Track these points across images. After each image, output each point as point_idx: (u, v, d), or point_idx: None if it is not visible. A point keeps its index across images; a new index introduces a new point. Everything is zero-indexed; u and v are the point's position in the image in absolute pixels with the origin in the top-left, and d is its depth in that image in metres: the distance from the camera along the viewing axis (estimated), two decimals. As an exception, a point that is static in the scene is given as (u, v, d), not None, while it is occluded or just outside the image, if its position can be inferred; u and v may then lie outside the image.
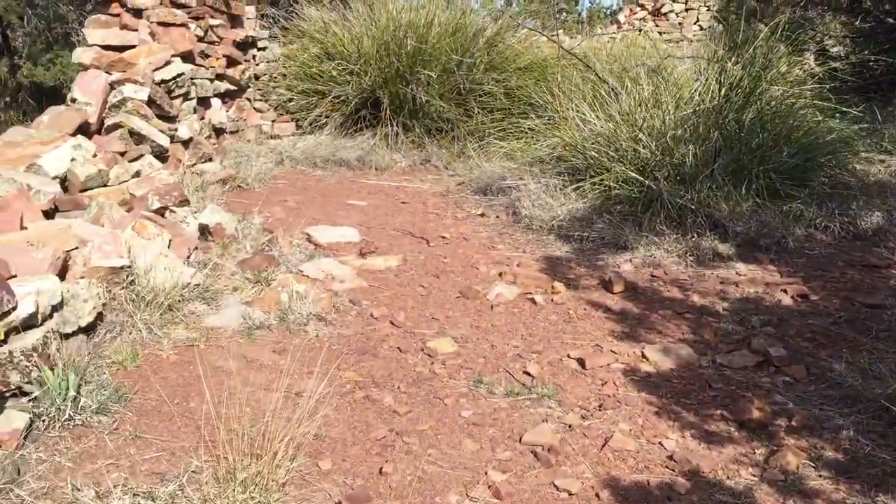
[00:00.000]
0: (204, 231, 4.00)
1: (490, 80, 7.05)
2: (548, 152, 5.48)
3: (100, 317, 2.90)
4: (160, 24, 5.40)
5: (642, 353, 3.05)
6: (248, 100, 6.77)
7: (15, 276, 2.63)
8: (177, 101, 5.25)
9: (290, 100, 7.23)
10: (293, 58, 7.44)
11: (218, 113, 6.05)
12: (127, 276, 3.18)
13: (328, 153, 6.49)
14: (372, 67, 6.94)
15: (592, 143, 5.06)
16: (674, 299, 3.64)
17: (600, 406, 2.64)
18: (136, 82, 4.86)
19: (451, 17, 7.47)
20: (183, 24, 5.45)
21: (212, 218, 4.08)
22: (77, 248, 3.15)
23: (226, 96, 6.32)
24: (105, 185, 4.21)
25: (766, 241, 4.27)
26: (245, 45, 6.82)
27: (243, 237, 4.05)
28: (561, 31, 21.80)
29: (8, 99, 8.02)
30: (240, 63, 6.31)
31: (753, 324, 3.31)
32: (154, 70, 5.05)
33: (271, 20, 8.14)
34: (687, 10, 22.23)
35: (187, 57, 5.53)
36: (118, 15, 5.65)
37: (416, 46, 6.97)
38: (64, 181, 4.04)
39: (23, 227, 3.18)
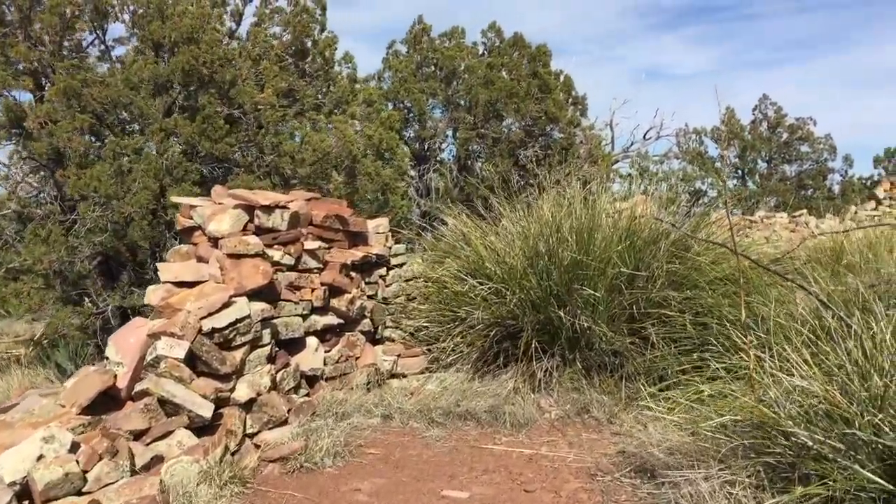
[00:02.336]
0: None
1: (674, 298, 5.53)
2: (737, 420, 3.78)
3: None
4: (231, 255, 4.62)
5: None
6: (365, 332, 5.76)
7: None
8: (237, 353, 4.32)
9: (423, 328, 6.18)
10: (429, 276, 6.48)
11: (311, 357, 5.07)
12: None
13: (452, 402, 5.23)
14: (518, 286, 5.74)
15: (803, 415, 3.33)
16: None
17: None
18: (173, 335, 3.99)
19: (623, 220, 6.17)
20: (257, 255, 4.62)
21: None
22: None
23: (328, 332, 5.35)
24: (79, 494, 3.21)
25: None
26: (365, 265, 5.94)
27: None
28: (805, 212, 19.62)
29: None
30: (346, 291, 5.37)
31: None
32: (204, 317, 4.18)
33: (423, 229, 7.36)
34: (967, 178, 19.12)
35: (261, 293, 4.66)
36: (198, 244, 5.01)
37: (575, 258, 5.70)
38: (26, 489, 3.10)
39: None
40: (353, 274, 5.78)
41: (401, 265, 6.64)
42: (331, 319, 5.41)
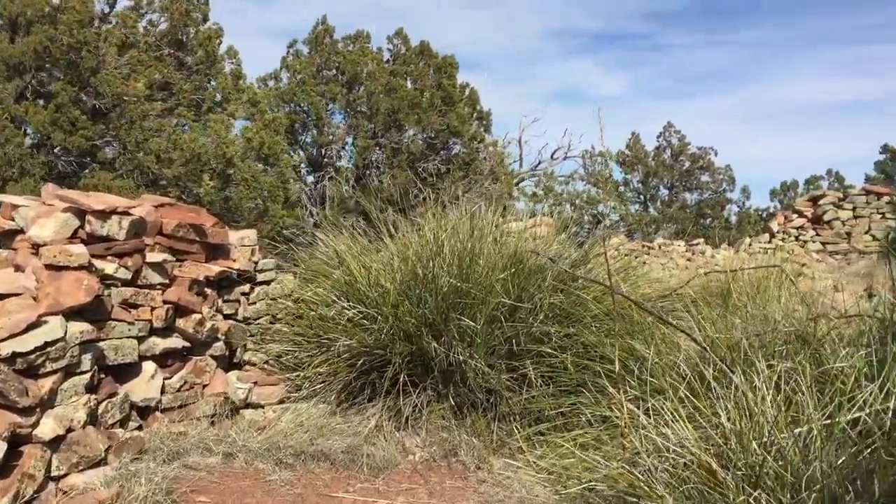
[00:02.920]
0: None
1: (556, 334, 5.21)
2: (606, 482, 3.45)
3: None
4: (49, 266, 4.03)
5: None
6: (217, 357, 5.22)
7: None
8: (46, 381, 3.73)
9: (287, 352, 5.67)
10: (298, 296, 5.98)
11: (146, 385, 4.50)
12: None
13: (307, 440, 4.76)
14: (391, 312, 5.32)
15: (675, 483, 3.01)
16: None
17: None
18: (-42, 361, 3.38)
19: (509, 245, 5.85)
20: (82, 268, 4.03)
21: None
22: None
23: (171, 357, 4.79)
24: None
25: None
26: (224, 282, 5.41)
27: None
28: (702, 241, 19.98)
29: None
30: (195, 311, 4.82)
31: None
32: (4, 339, 3.57)
33: (300, 244, 6.85)
34: (856, 217, 19.91)
35: (85, 312, 4.08)
36: (17, 250, 4.38)
37: (454, 285, 5.32)
38: None
39: None
40: (208, 291, 5.24)
41: (268, 282, 6.11)
42: (175, 342, 4.84)
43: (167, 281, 4.85)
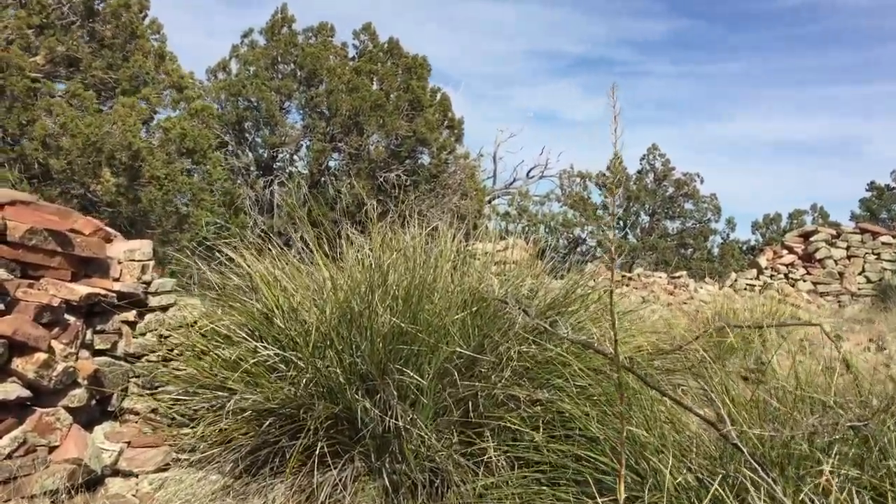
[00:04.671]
0: None
1: (526, 399, 4.10)
2: None
3: None
4: None
5: None
6: (76, 409, 4.04)
7: None
8: None
9: (180, 401, 4.52)
10: (203, 328, 4.84)
11: (-48, 451, 3.31)
12: None
13: (181, 534, 3.59)
14: (312, 357, 4.20)
15: None
16: None
17: None
18: None
19: (471, 275, 4.77)
20: None
21: None
22: None
23: (4, 410, 3.61)
24: None
25: None
26: (97, 308, 4.25)
27: None
28: (685, 274, 19.06)
29: None
30: (38, 349, 3.65)
31: None
32: None
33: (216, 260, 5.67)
34: (849, 257, 19.11)
35: None
36: None
37: (398, 326, 4.21)
38: None
39: None
40: (70, 320, 4.08)
41: (166, 308, 4.97)
42: (9, 390, 3.66)
43: (1, 307, 3.68)
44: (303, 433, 3.95)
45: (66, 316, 4.07)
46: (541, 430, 3.86)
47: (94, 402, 4.25)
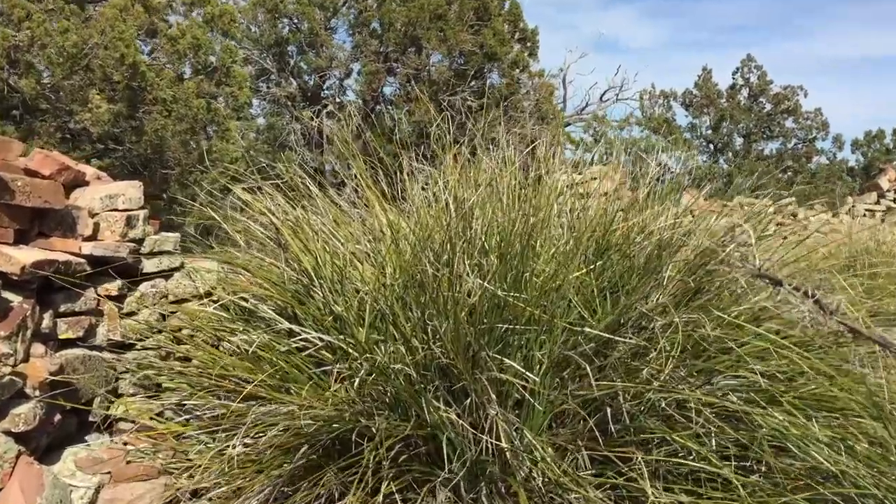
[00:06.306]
0: None
1: (699, 402, 2.75)
2: None
3: None
4: None
5: None
6: (22, 435, 2.86)
7: None
8: None
9: (179, 408, 3.35)
10: (221, 299, 3.63)
11: None
12: None
13: None
14: (371, 346, 2.94)
15: None
16: None
17: None
18: None
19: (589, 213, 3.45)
20: None
21: None
22: None
23: None
24: None
25: None
26: (54, 282, 3.05)
27: None
28: (794, 202, 17.29)
29: None
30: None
31: None
32: None
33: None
34: None
35: None
36: None
37: (492, 294, 2.91)
38: None
39: None
40: (11, 301, 2.88)
41: (168, 274, 3.79)
42: None
43: None
44: (359, 473, 2.68)
45: (5, 295, 2.87)
46: (731, 463, 2.52)
47: (58, 417, 3.06)
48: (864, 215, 17.08)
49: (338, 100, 12.61)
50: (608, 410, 2.85)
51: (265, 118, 12.93)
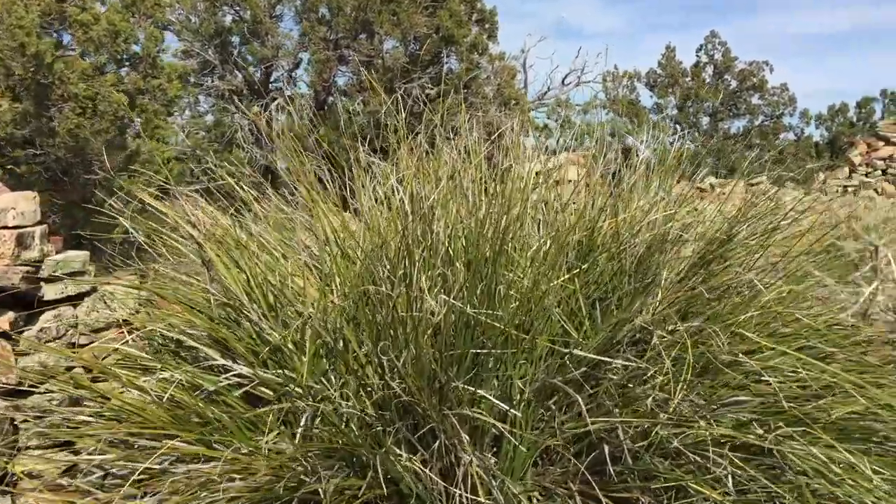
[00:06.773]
0: None
1: (723, 437, 2.29)
2: None
3: None
4: None
5: None
6: None
7: None
8: None
9: (91, 471, 2.81)
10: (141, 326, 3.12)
11: None
12: None
13: None
14: (306, 386, 2.45)
15: None
16: None
17: None
18: None
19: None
20: None
21: None
22: None
23: None
24: None
25: None
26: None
27: None
28: (764, 180, 17.07)
29: None
30: None
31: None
32: None
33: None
34: (970, 144, 16.85)
35: None
36: None
37: (460, 312, 2.43)
38: None
39: None
40: None
41: (76, 300, 3.26)
42: None
43: None
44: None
45: None
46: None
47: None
48: (837, 190, 16.90)
49: (287, 92, 12.05)
50: (605, 448, 2.39)
51: (213, 115, 12.35)
